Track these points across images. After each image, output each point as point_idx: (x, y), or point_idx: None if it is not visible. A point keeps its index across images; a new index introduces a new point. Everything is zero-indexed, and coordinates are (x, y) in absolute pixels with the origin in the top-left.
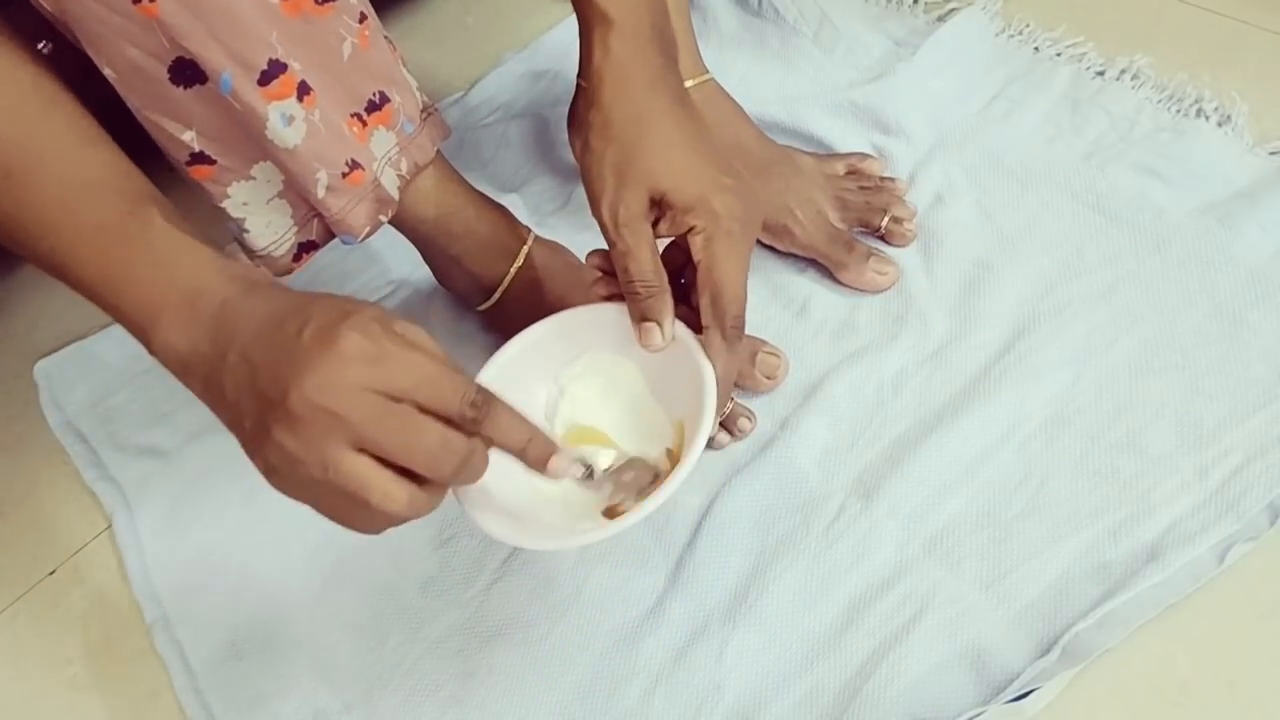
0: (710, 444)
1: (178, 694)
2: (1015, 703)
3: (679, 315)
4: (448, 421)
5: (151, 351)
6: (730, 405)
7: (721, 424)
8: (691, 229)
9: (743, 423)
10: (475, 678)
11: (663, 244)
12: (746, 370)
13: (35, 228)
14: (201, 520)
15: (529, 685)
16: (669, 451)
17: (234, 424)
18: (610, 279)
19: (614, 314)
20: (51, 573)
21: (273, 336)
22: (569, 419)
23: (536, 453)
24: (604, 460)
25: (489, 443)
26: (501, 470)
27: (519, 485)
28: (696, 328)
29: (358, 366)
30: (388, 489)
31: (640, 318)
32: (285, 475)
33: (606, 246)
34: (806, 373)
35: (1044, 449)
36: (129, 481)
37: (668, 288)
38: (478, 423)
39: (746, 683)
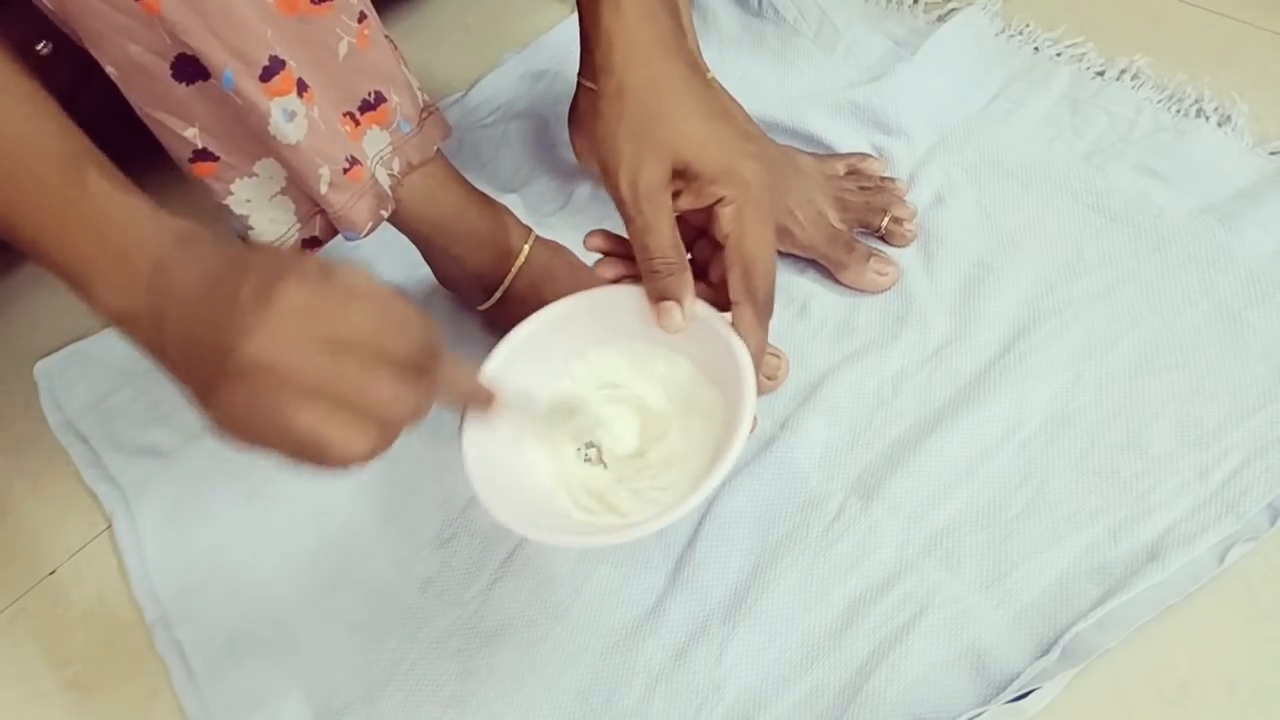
0: None
1: (178, 694)
2: (1015, 703)
3: (699, 293)
4: (395, 366)
5: (92, 308)
6: None
7: None
8: (720, 200)
9: None
10: (475, 678)
11: None
12: None
13: None
14: (201, 520)
15: (529, 685)
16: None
17: (182, 378)
18: (616, 260)
19: (626, 297)
20: (51, 573)
21: (212, 295)
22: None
23: (480, 398)
24: (542, 396)
25: (434, 392)
26: (503, 464)
27: (521, 477)
28: (713, 305)
29: (299, 320)
30: (345, 434)
31: (658, 297)
32: (240, 428)
33: (623, 222)
34: (806, 373)
35: (1044, 449)
36: (129, 481)
37: (687, 265)
38: (424, 370)
39: (746, 683)
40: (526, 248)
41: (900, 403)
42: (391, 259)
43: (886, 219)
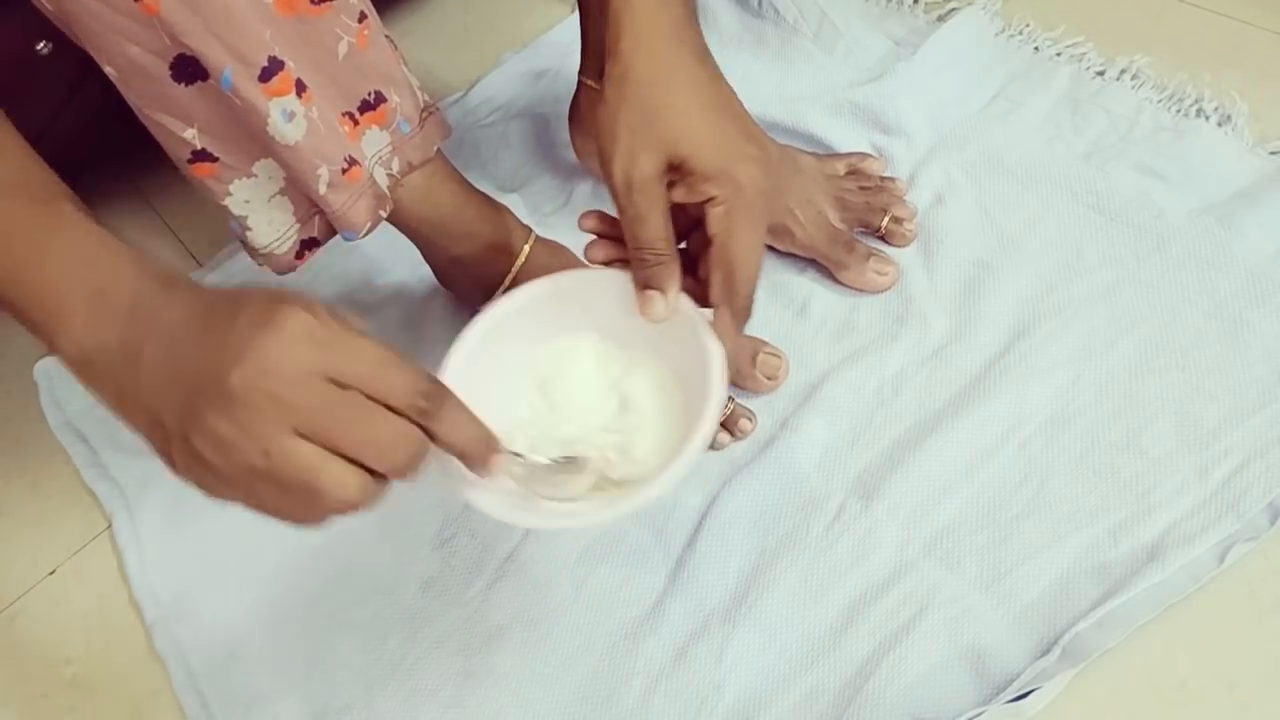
0: (711, 444)
1: (178, 694)
2: (1015, 703)
3: (685, 287)
4: (395, 412)
5: (54, 350)
6: (730, 405)
7: (721, 424)
8: (711, 199)
9: (743, 423)
10: (475, 678)
11: None
12: (747, 370)
13: None
14: (201, 520)
15: (529, 685)
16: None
17: (148, 423)
18: (607, 243)
19: (613, 281)
20: (51, 573)
21: (202, 327)
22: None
23: (480, 453)
24: (542, 459)
25: (435, 438)
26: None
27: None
28: (699, 301)
29: (305, 347)
30: (339, 477)
31: (644, 285)
32: (215, 468)
33: (615, 209)
34: (806, 373)
35: (1044, 449)
36: (129, 481)
37: (676, 257)
38: (427, 415)
39: (746, 683)
40: (527, 247)
41: (900, 403)
42: (392, 259)
43: (886, 219)
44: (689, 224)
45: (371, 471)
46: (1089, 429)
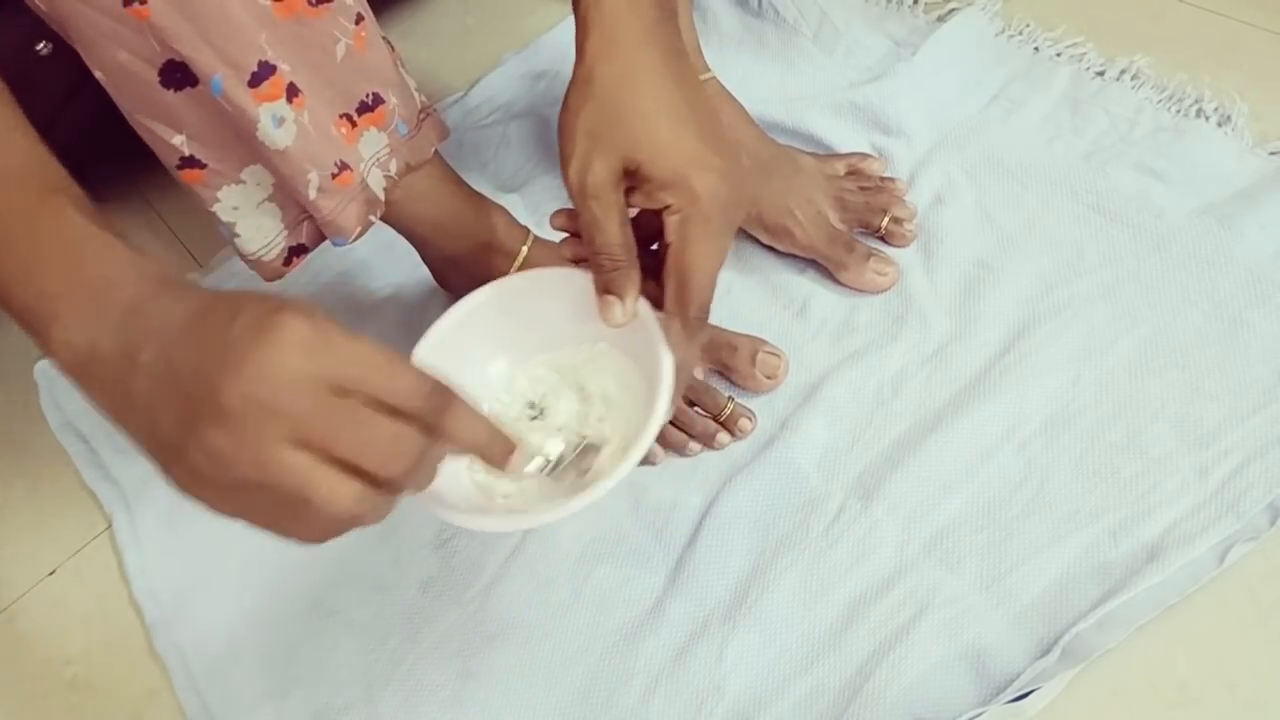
0: (711, 444)
1: (178, 694)
2: (1015, 703)
3: (647, 292)
4: (398, 417)
5: (48, 351)
6: (730, 405)
7: (721, 424)
8: (667, 207)
9: (743, 423)
10: (475, 678)
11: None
12: (747, 370)
13: None
14: (201, 520)
15: (529, 685)
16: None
17: (144, 432)
18: (578, 240)
19: (580, 280)
20: (51, 573)
21: (197, 331)
22: (525, 394)
23: (497, 450)
24: (554, 449)
25: (444, 441)
26: (449, 472)
27: (466, 486)
28: (661, 306)
29: (299, 354)
30: (333, 487)
31: (603, 289)
32: (212, 481)
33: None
34: (806, 373)
35: (1044, 449)
36: (129, 481)
37: (635, 263)
38: (434, 418)
39: (746, 683)
40: (525, 248)
41: (900, 403)
42: (391, 260)
43: (886, 219)
44: (660, 228)
45: (374, 479)
46: (1089, 429)
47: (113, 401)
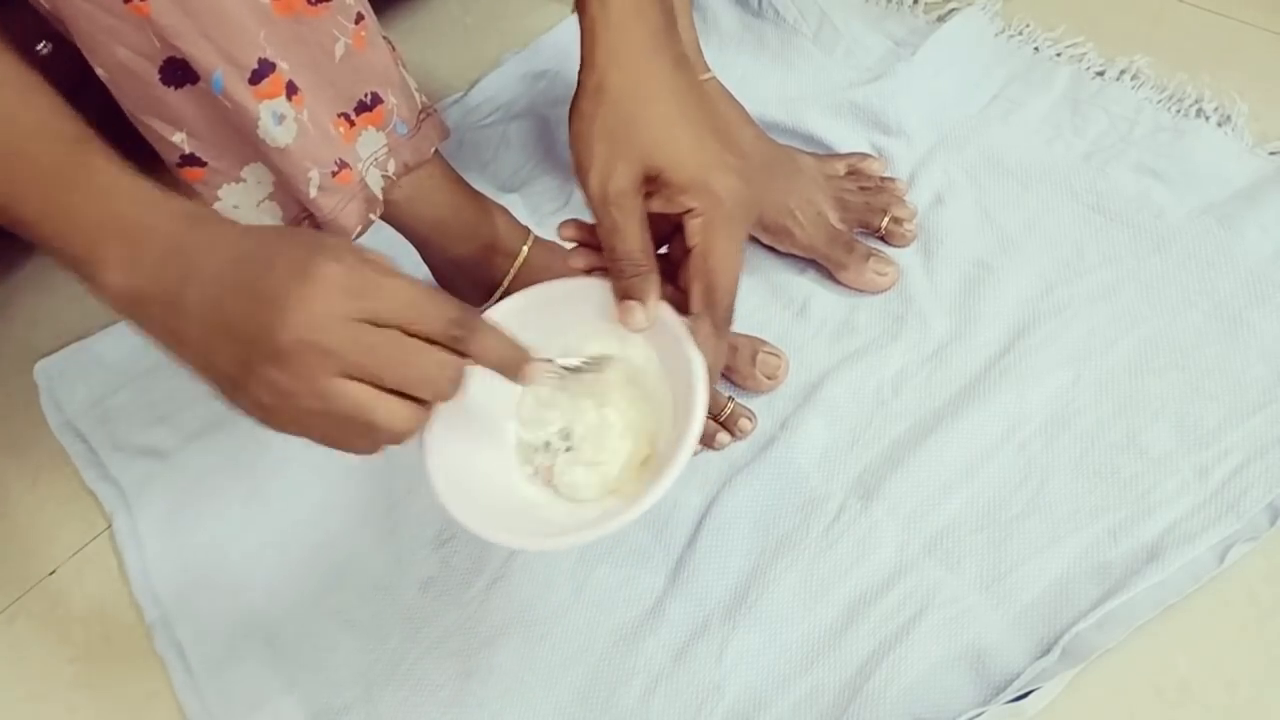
0: (711, 444)
1: (178, 694)
2: (1015, 703)
3: (664, 296)
4: (432, 342)
5: (97, 293)
6: (730, 405)
7: (721, 424)
8: (689, 211)
9: (743, 423)
10: (475, 678)
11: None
12: (747, 370)
13: None
14: (201, 520)
15: (529, 685)
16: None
17: (200, 365)
18: (588, 250)
19: (595, 290)
20: (51, 573)
21: (240, 274)
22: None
23: (516, 362)
24: (573, 361)
25: (473, 357)
26: (481, 473)
27: (498, 487)
28: (680, 308)
29: (340, 297)
30: (391, 408)
31: (624, 295)
32: (279, 411)
33: (592, 219)
34: (806, 373)
35: (1044, 449)
36: (129, 481)
37: (655, 267)
38: (462, 341)
39: (746, 683)
40: (525, 248)
41: (900, 403)
42: (391, 260)
43: (886, 219)
44: (669, 229)
45: (420, 401)
46: (1089, 429)
47: (165, 339)
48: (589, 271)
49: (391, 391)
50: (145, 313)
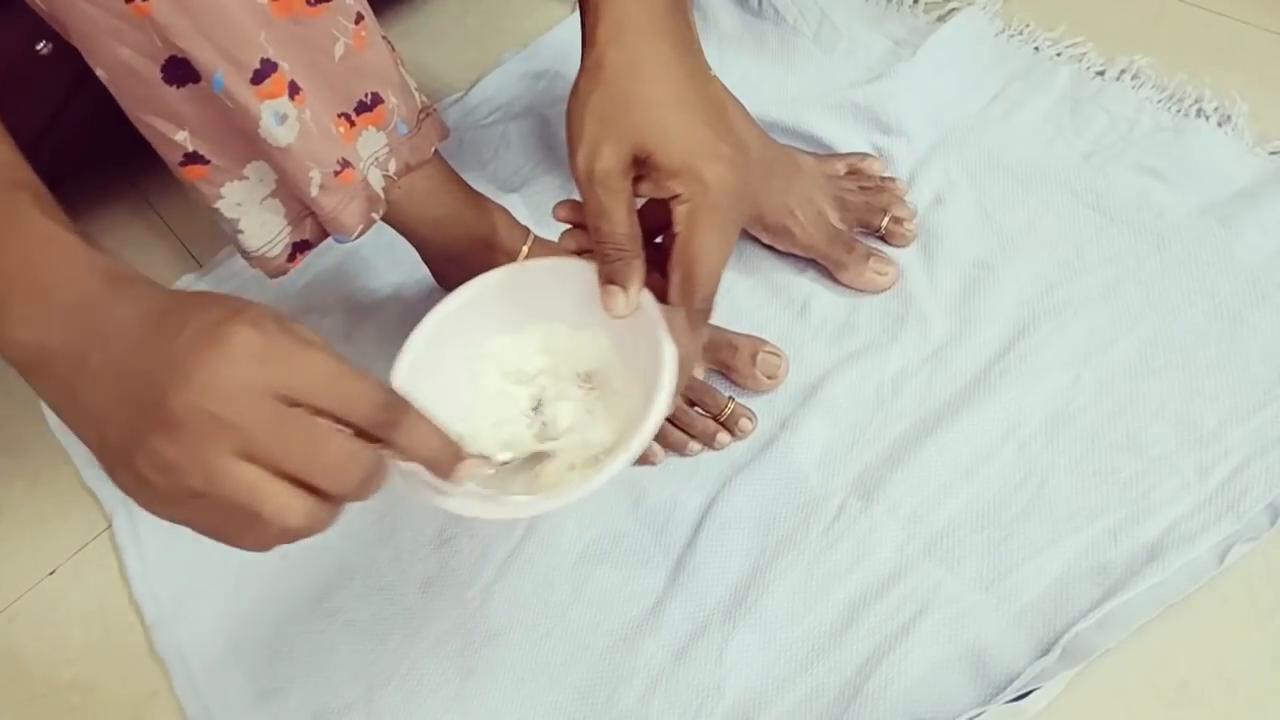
0: (711, 444)
1: (178, 694)
2: (1015, 703)
3: (651, 284)
4: (355, 430)
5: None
6: (731, 405)
7: (722, 423)
8: (675, 196)
9: (743, 423)
10: (475, 677)
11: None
12: (747, 370)
13: None
14: None
15: (529, 685)
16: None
17: (92, 434)
18: (580, 233)
19: (581, 271)
20: (51, 573)
21: (149, 336)
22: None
23: (448, 461)
24: (504, 456)
25: (398, 450)
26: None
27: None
28: (663, 297)
29: (250, 365)
30: (283, 502)
31: (606, 280)
32: (158, 490)
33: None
34: (806, 373)
35: (1044, 449)
36: None
37: (640, 253)
38: (388, 429)
39: (746, 683)
40: (525, 248)
41: (900, 403)
42: (391, 260)
43: (886, 219)
44: (667, 218)
45: (322, 493)
46: (1089, 429)
47: (62, 401)
48: (580, 254)
49: (294, 481)
50: (49, 372)
